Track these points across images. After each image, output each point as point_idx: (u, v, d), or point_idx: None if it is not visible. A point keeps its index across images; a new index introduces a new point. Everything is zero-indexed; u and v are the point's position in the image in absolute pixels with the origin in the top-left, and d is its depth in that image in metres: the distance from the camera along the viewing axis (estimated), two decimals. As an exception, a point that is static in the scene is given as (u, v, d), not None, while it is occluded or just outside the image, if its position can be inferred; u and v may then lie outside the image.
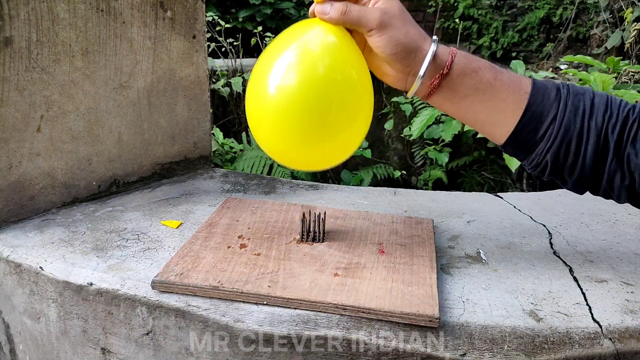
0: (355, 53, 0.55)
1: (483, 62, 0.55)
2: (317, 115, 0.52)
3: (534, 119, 0.53)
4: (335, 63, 0.53)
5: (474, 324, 0.51)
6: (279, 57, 0.53)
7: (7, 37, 0.66)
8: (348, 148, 0.57)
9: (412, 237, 0.66)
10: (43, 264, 0.62)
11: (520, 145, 0.55)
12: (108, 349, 0.60)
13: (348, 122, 0.54)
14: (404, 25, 0.53)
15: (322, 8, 0.54)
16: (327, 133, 0.54)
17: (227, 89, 2.05)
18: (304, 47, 0.54)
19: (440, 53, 0.54)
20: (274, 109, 0.53)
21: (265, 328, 0.52)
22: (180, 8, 0.86)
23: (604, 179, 0.53)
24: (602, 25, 3.20)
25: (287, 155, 0.57)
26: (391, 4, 0.54)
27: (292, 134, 0.54)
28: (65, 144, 0.75)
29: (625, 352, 0.50)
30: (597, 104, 0.53)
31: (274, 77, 0.53)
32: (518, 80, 0.54)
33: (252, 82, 0.56)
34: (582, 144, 0.53)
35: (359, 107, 0.55)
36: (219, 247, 0.62)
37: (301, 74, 0.52)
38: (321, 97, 0.52)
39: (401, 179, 2.15)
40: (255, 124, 0.56)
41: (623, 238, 0.70)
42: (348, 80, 0.53)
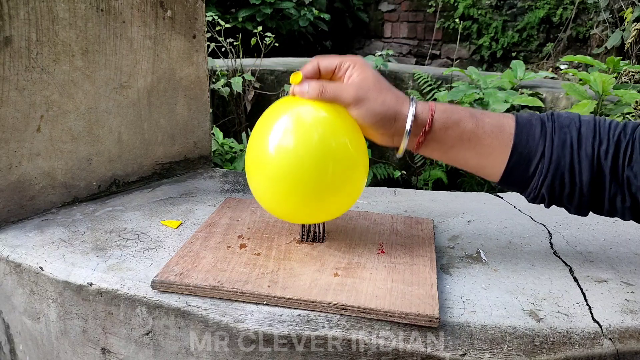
0: (345, 119, 0.57)
1: (463, 112, 0.56)
2: (315, 176, 0.55)
3: (522, 158, 0.54)
4: (327, 132, 0.56)
5: (474, 324, 0.51)
6: (274, 127, 0.57)
7: (7, 37, 0.66)
8: (347, 201, 0.60)
9: (412, 237, 0.66)
10: (43, 264, 0.62)
11: (514, 183, 0.56)
12: (108, 349, 0.60)
13: (345, 179, 0.57)
14: (380, 95, 0.55)
15: (300, 89, 0.57)
16: (327, 190, 0.57)
17: (227, 89, 2.05)
18: (297, 118, 0.57)
19: (419, 112, 0.55)
20: (274, 170, 0.56)
21: (265, 328, 0.52)
22: (180, 8, 0.86)
23: (606, 202, 0.54)
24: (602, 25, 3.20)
25: (288, 212, 0.61)
26: (365, 76, 0.56)
27: (292, 196, 0.57)
28: (65, 144, 0.75)
29: (625, 352, 0.50)
30: (584, 133, 0.53)
31: (272, 145, 0.56)
32: (500, 123, 0.55)
33: (250, 148, 0.59)
34: (576, 175, 0.53)
35: (354, 166, 0.57)
36: (219, 247, 0.62)
37: (297, 141, 0.55)
38: (318, 161, 0.55)
39: (401, 179, 2.15)
40: (256, 185, 0.60)
41: (623, 238, 0.70)
42: (341, 145, 0.56)
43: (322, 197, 0.57)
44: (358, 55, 0.58)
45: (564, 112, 0.56)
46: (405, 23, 4.27)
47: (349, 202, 0.60)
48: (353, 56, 0.58)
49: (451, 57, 4.02)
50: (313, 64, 0.58)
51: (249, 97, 2.18)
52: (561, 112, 0.56)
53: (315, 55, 0.59)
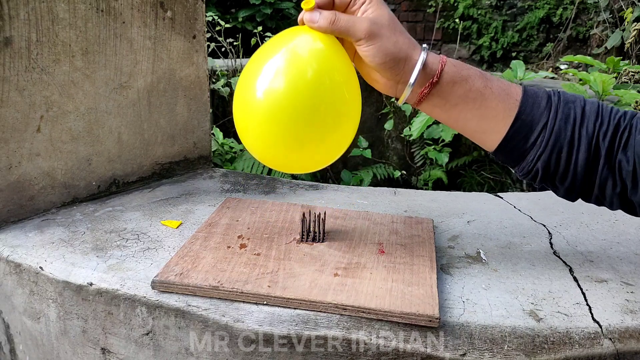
0: (344, 60, 0.55)
1: (473, 70, 0.55)
2: (304, 119, 0.53)
3: (524, 126, 0.54)
4: (323, 69, 0.53)
5: (474, 324, 0.51)
6: (267, 62, 0.54)
7: (7, 37, 0.66)
8: (335, 151, 0.57)
9: (412, 237, 0.66)
10: (43, 264, 0.62)
11: (511, 153, 0.55)
12: (108, 349, 0.60)
13: (335, 125, 0.55)
14: (393, 35, 0.53)
15: (310, 16, 0.54)
16: (315, 136, 0.54)
17: (227, 89, 2.05)
18: (292, 52, 0.54)
19: (430, 62, 0.54)
20: (262, 113, 0.53)
21: (265, 328, 0.52)
22: (180, 8, 0.86)
23: (596, 186, 0.54)
24: (602, 25, 3.20)
25: (274, 158, 0.58)
26: (380, 13, 0.54)
27: (280, 137, 0.54)
28: (65, 144, 0.75)
29: (625, 352, 0.50)
30: (588, 111, 0.53)
31: (262, 82, 0.53)
32: (508, 88, 0.55)
33: (239, 87, 0.56)
34: (573, 151, 0.53)
35: (346, 112, 0.55)
36: (219, 247, 0.62)
37: (289, 79, 0.53)
38: (309, 101, 0.53)
39: (401, 179, 2.15)
40: (243, 128, 0.56)
41: (623, 238, 0.70)
42: (335, 86, 0.54)
43: (309, 140, 0.54)
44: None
45: (570, 92, 0.56)
46: (405, 23, 4.26)
47: (338, 150, 0.58)
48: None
49: (451, 57, 4.02)
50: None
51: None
52: (567, 91, 0.56)
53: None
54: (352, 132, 0.57)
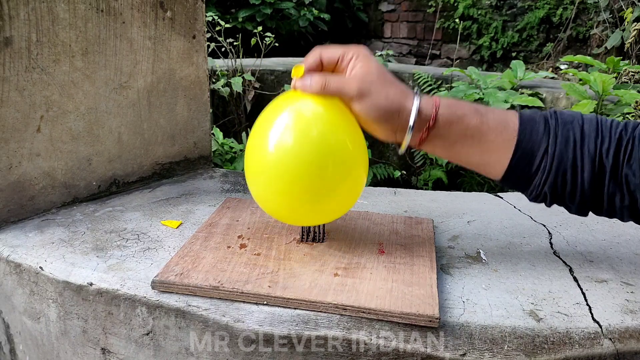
0: (344, 116, 0.57)
1: (467, 107, 0.55)
2: (314, 174, 0.55)
3: (525, 155, 0.54)
4: (326, 129, 0.55)
5: (474, 324, 0.51)
6: (273, 126, 0.56)
7: (7, 37, 0.66)
8: (346, 201, 0.60)
9: (412, 237, 0.66)
10: (43, 264, 0.62)
11: (517, 181, 0.56)
12: (108, 349, 0.60)
13: (344, 178, 0.57)
14: (383, 89, 0.54)
15: (302, 83, 0.56)
16: (325, 189, 0.56)
17: (227, 89, 2.05)
18: (296, 114, 0.56)
19: (423, 107, 0.54)
20: (273, 168, 0.56)
21: (266, 328, 0.52)
22: (180, 8, 0.86)
23: (605, 201, 0.54)
24: (602, 25, 3.20)
25: (287, 212, 0.60)
26: (368, 69, 0.55)
27: (292, 191, 0.56)
28: (65, 144, 0.75)
29: (625, 352, 0.50)
30: (587, 130, 0.53)
31: (272, 140, 0.55)
32: (505, 119, 0.55)
33: (249, 145, 0.59)
34: (578, 172, 0.53)
35: (353, 165, 0.57)
36: (219, 247, 0.62)
37: (296, 137, 0.55)
38: (316, 158, 0.55)
39: (401, 179, 2.15)
40: (254, 183, 0.59)
41: (623, 238, 0.70)
42: (340, 142, 0.56)
43: (321, 197, 0.57)
44: (361, 45, 0.57)
45: (566, 110, 0.56)
46: (405, 23, 4.27)
47: (349, 203, 0.60)
48: (356, 46, 0.56)
49: (451, 57, 4.02)
50: (315, 55, 0.57)
51: (249, 97, 2.18)
52: (563, 110, 0.56)
53: (317, 46, 0.58)
54: (361, 181, 0.59)
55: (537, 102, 1.77)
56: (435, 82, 2.27)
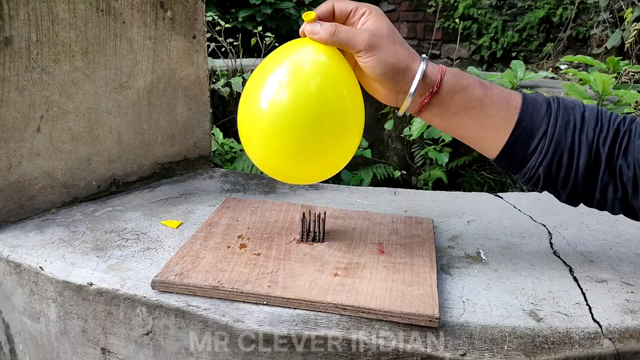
0: (346, 71, 0.56)
1: (472, 79, 0.55)
2: (309, 130, 0.54)
3: (524, 133, 0.54)
4: (326, 81, 0.54)
5: (474, 324, 0.51)
6: (272, 75, 0.55)
7: (7, 37, 0.66)
8: (339, 161, 0.58)
9: (412, 237, 0.66)
10: (43, 264, 0.62)
11: (512, 160, 0.56)
12: (108, 349, 0.60)
13: (339, 137, 0.55)
14: (393, 46, 0.54)
15: (311, 28, 0.55)
16: (320, 147, 0.55)
17: (227, 89, 2.05)
18: (295, 65, 0.55)
19: (429, 72, 0.54)
20: (267, 124, 0.54)
21: (265, 328, 0.52)
22: (180, 8, 0.86)
23: (597, 191, 0.54)
24: (602, 25, 3.20)
25: (278, 169, 0.58)
26: (380, 24, 0.54)
27: (284, 149, 0.55)
28: (65, 144, 0.75)
29: (625, 352, 0.50)
30: (588, 117, 0.54)
31: (266, 94, 0.54)
32: (508, 95, 0.55)
33: (244, 98, 0.57)
34: (574, 157, 0.53)
35: (349, 124, 0.56)
36: (219, 247, 0.62)
37: (293, 92, 0.53)
38: (313, 114, 0.53)
39: (401, 179, 2.15)
40: (247, 139, 0.57)
41: (623, 238, 0.70)
42: (339, 98, 0.54)
43: (314, 151, 0.55)
44: (374, 5, 0.56)
45: (569, 97, 0.56)
46: (405, 23, 4.27)
47: (341, 162, 0.58)
48: (369, 4, 0.56)
49: (451, 57, 4.01)
50: (328, 4, 0.56)
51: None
52: (566, 97, 0.57)
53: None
54: (355, 142, 0.58)
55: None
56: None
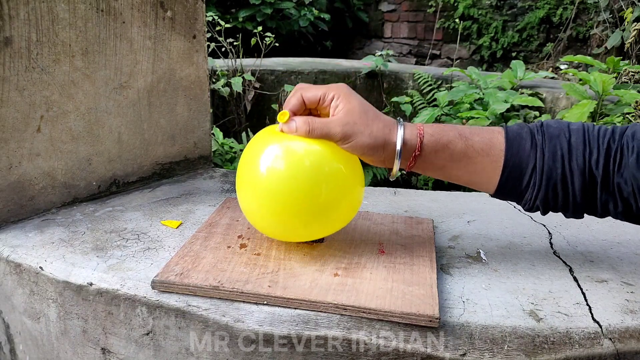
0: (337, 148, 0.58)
1: (452, 132, 0.56)
2: (308, 202, 0.56)
3: (514, 173, 0.55)
4: (319, 160, 0.56)
5: (474, 324, 0.51)
6: (265, 152, 0.56)
7: (7, 37, 0.66)
8: (343, 218, 0.60)
9: (412, 237, 0.66)
10: (43, 264, 0.62)
11: (509, 196, 0.57)
12: (108, 349, 0.60)
13: (337, 204, 0.57)
14: (367, 127, 0.55)
15: (288, 128, 0.57)
16: (320, 211, 0.57)
17: (227, 89, 2.05)
18: (288, 149, 0.56)
19: (408, 138, 0.55)
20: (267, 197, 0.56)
21: (266, 328, 0.52)
22: (180, 8, 0.86)
23: (599, 208, 0.55)
24: (602, 25, 3.20)
25: (285, 233, 0.61)
26: (350, 107, 0.55)
27: (286, 220, 0.57)
28: (65, 144, 0.75)
29: (625, 352, 0.50)
30: (575, 143, 0.54)
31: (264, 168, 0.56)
32: (490, 140, 0.56)
33: (240, 175, 0.59)
34: (568, 185, 0.54)
35: (348, 187, 0.58)
36: (219, 247, 0.62)
37: (290, 169, 0.55)
38: (311, 187, 0.55)
39: (401, 179, 2.15)
40: (247, 207, 0.60)
41: (623, 238, 0.70)
42: (334, 170, 0.56)
43: (316, 219, 0.57)
44: (342, 84, 0.58)
45: (553, 122, 0.56)
46: (405, 23, 4.27)
47: (345, 220, 0.61)
48: (337, 85, 0.57)
49: (451, 57, 4.02)
50: (297, 96, 0.57)
51: (249, 97, 2.18)
52: (550, 121, 0.57)
53: (298, 84, 0.59)
54: (358, 198, 0.60)
55: (537, 102, 1.77)
56: (435, 82, 2.26)
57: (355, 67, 2.42)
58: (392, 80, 2.38)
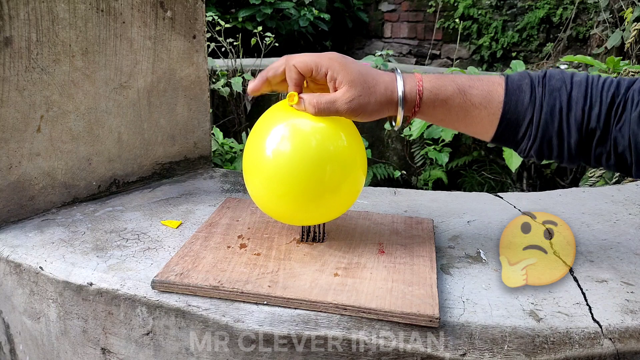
0: (342, 123, 0.58)
1: (451, 87, 0.56)
2: (312, 182, 0.56)
3: (510, 125, 0.56)
4: (325, 138, 0.57)
5: (474, 324, 0.51)
6: (272, 134, 0.57)
7: (7, 37, 0.66)
8: (344, 205, 0.61)
9: (412, 237, 0.66)
10: (43, 264, 0.62)
11: (505, 144, 0.59)
12: (108, 349, 0.60)
13: (342, 183, 0.58)
14: (371, 96, 0.56)
15: (298, 107, 0.57)
16: (323, 195, 0.57)
17: (227, 89, 2.05)
18: (294, 126, 0.57)
19: (408, 93, 0.56)
20: (273, 178, 0.57)
21: (266, 328, 0.52)
22: (180, 8, 0.86)
23: (592, 160, 0.55)
24: (602, 25, 3.20)
25: (289, 214, 0.61)
26: (351, 80, 0.55)
27: (290, 199, 0.58)
28: (65, 144, 0.75)
29: (625, 352, 0.50)
30: (575, 97, 0.54)
31: (269, 150, 0.56)
32: (489, 92, 0.56)
33: (247, 154, 0.60)
34: (564, 139, 0.54)
35: (351, 166, 0.58)
36: (219, 247, 0.62)
37: (294, 148, 0.56)
38: (316, 166, 0.56)
39: (401, 179, 2.15)
40: (253, 188, 0.60)
41: (623, 238, 0.70)
42: (339, 148, 0.57)
43: (320, 199, 0.58)
44: (332, 53, 0.57)
45: (557, 72, 0.56)
46: (405, 23, 4.26)
47: (347, 204, 0.61)
48: (328, 57, 0.56)
49: (451, 57, 4.01)
50: (291, 69, 0.57)
51: (249, 97, 2.18)
52: (553, 71, 0.56)
53: (284, 56, 0.58)
54: (360, 183, 0.60)
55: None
56: (435, 82, 2.26)
57: (355, 67, 2.41)
58: (392, 80, 2.38)
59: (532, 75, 0.56)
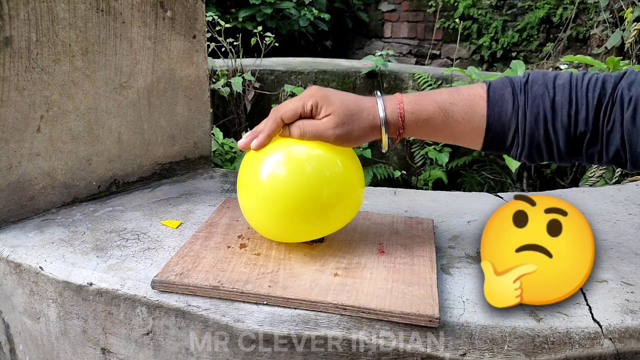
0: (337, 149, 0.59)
1: (432, 107, 0.57)
2: (309, 205, 0.57)
3: (497, 135, 0.56)
4: (320, 165, 0.57)
5: (474, 324, 0.51)
6: (269, 158, 0.57)
7: (7, 37, 0.66)
8: (345, 217, 0.61)
9: (412, 237, 0.66)
10: (43, 264, 0.62)
11: (496, 151, 0.59)
12: (108, 349, 0.60)
13: (338, 205, 0.58)
14: (355, 124, 0.57)
15: (283, 134, 0.59)
16: (319, 218, 0.58)
17: (227, 89, 2.05)
18: (290, 154, 0.57)
19: (390, 117, 0.57)
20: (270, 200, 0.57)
21: (266, 328, 0.52)
22: (180, 8, 0.86)
23: (584, 159, 0.56)
24: (602, 25, 3.20)
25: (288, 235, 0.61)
26: (334, 111, 0.56)
27: (288, 224, 0.58)
28: (65, 144, 0.75)
29: (625, 352, 0.50)
30: (559, 102, 0.53)
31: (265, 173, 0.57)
32: (471, 107, 0.56)
33: (242, 183, 0.60)
34: (552, 144, 0.54)
35: (348, 187, 0.59)
36: (219, 247, 0.62)
37: (290, 174, 0.56)
38: (313, 191, 0.56)
39: (401, 179, 2.15)
40: (248, 211, 0.60)
41: (623, 238, 0.70)
42: (335, 174, 0.58)
43: (316, 220, 0.58)
44: (313, 87, 0.59)
45: (539, 76, 0.56)
46: (405, 23, 4.26)
47: (345, 221, 0.61)
48: (309, 93, 0.58)
49: (451, 57, 4.01)
50: (277, 121, 0.58)
51: (249, 97, 2.18)
52: (535, 76, 0.56)
53: (273, 108, 0.59)
54: (359, 197, 0.61)
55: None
56: (435, 82, 2.26)
57: (355, 67, 2.42)
58: (392, 80, 2.38)
59: (514, 83, 0.56)
